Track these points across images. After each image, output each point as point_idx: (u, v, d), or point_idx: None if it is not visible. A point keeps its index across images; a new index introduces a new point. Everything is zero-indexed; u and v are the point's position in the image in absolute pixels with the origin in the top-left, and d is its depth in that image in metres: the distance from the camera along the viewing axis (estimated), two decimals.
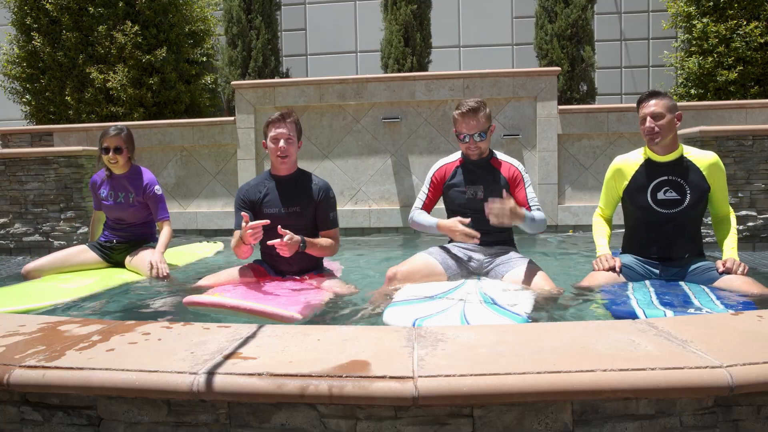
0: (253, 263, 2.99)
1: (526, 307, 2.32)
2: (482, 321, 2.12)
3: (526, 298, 2.47)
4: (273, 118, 2.81)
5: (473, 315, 2.18)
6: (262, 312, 2.31)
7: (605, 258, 2.78)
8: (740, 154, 4.76)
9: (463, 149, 2.95)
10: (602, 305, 2.44)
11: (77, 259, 3.49)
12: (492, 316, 2.17)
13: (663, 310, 2.12)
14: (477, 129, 2.83)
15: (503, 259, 2.88)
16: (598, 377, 1.24)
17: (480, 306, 2.32)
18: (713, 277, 2.61)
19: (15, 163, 5.34)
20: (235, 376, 1.28)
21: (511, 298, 2.45)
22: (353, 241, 5.74)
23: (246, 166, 6.43)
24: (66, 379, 1.32)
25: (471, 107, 2.82)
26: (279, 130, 2.78)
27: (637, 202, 2.77)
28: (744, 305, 2.27)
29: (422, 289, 2.64)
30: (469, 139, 2.85)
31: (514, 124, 6.24)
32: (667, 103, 2.65)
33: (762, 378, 1.26)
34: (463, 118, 2.84)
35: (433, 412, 1.27)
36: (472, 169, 2.95)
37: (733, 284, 2.52)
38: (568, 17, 9.21)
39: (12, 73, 8.61)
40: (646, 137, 2.69)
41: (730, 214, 2.81)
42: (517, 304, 2.36)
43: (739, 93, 7.72)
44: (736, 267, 2.58)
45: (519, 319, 2.17)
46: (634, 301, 2.28)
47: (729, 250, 2.69)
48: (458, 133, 2.90)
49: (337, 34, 12.21)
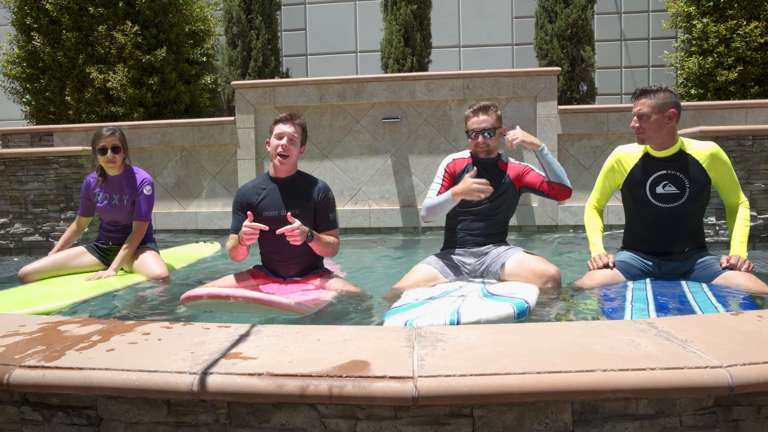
0: (253, 269, 2.97)
1: (526, 295, 2.33)
2: (475, 311, 2.11)
3: (526, 288, 2.49)
4: (281, 116, 2.81)
5: (467, 308, 2.17)
6: (259, 300, 2.26)
7: (599, 257, 2.80)
8: (740, 154, 4.76)
9: (471, 146, 3.01)
10: (600, 306, 2.44)
11: (75, 261, 3.46)
12: (486, 304, 2.17)
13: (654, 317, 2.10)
14: (486, 125, 2.92)
15: (494, 255, 2.91)
16: (598, 377, 1.24)
17: (478, 299, 2.33)
18: (716, 272, 2.59)
19: (15, 163, 5.34)
20: (235, 376, 1.27)
21: (511, 289, 2.47)
22: (353, 241, 5.74)
23: (246, 166, 6.43)
24: (66, 379, 1.32)
25: (482, 105, 2.96)
26: (285, 128, 2.77)
27: (636, 197, 2.76)
28: (743, 305, 2.26)
29: (424, 292, 2.65)
30: (478, 135, 2.93)
31: (514, 124, 6.24)
32: (655, 102, 2.60)
33: (762, 378, 1.26)
34: (474, 114, 2.96)
35: (433, 412, 1.27)
36: (481, 168, 2.97)
37: (734, 281, 2.50)
38: (568, 17, 9.21)
39: (12, 73, 8.61)
40: (636, 135, 2.71)
41: (741, 204, 2.75)
42: (515, 293, 2.38)
43: (739, 93, 7.72)
44: (741, 263, 2.55)
45: (517, 302, 2.16)
46: (629, 309, 2.26)
47: (737, 245, 2.67)
48: (468, 129, 3.00)
49: (337, 34, 12.22)
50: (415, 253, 4.75)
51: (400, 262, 4.26)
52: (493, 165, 2.99)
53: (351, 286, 2.84)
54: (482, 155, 2.98)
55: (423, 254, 3.14)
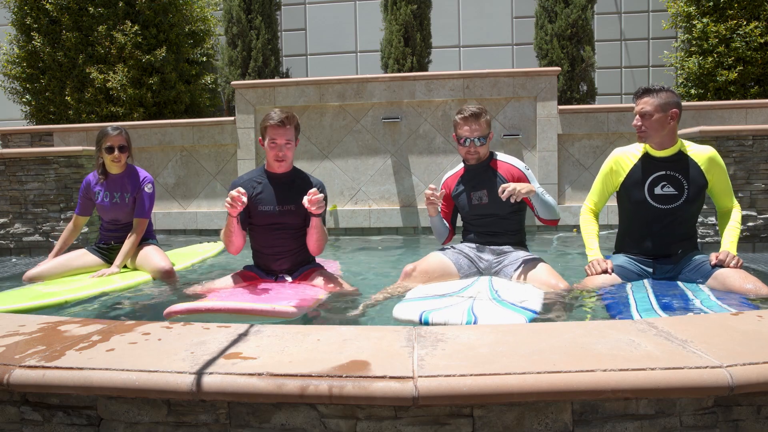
0: (243, 270, 2.98)
1: (534, 304, 2.33)
2: (490, 316, 2.11)
3: (535, 295, 2.48)
4: (273, 123, 2.75)
5: (481, 310, 2.18)
6: (239, 310, 2.21)
7: (597, 262, 2.78)
8: (740, 154, 4.76)
9: (462, 153, 3.00)
10: (601, 307, 2.44)
11: (78, 262, 3.46)
12: (501, 311, 2.17)
13: (662, 315, 2.10)
14: (478, 133, 2.89)
15: (512, 259, 2.91)
16: (598, 377, 1.24)
17: (489, 302, 2.33)
18: (706, 272, 2.59)
19: (15, 163, 5.34)
20: (235, 376, 1.27)
21: (520, 295, 2.47)
22: (353, 241, 5.73)
23: (246, 166, 6.43)
24: (66, 379, 1.32)
25: (473, 112, 2.89)
26: (279, 134, 2.76)
27: (633, 197, 2.76)
28: (741, 301, 2.26)
29: (434, 288, 2.66)
30: (470, 143, 2.91)
31: (514, 124, 6.24)
32: (658, 101, 2.61)
33: (762, 378, 1.26)
34: (465, 121, 2.91)
35: (433, 412, 1.27)
36: (474, 175, 3.00)
37: (726, 279, 2.50)
38: (568, 17, 9.21)
39: (12, 73, 8.61)
40: (637, 133, 2.71)
41: (735, 208, 2.77)
42: (526, 300, 2.37)
43: (739, 93, 7.72)
44: (729, 259, 2.55)
45: (528, 314, 2.17)
46: (633, 305, 2.27)
47: (726, 243, 2.67)
48: (459, 137, 2.96)
49: (337, 34, 12.21)
50: (415, 253, 4.74)
51: (400, 263, 4.26)
52: (486, 167, 2.99)
53: (344, 285, 2.83)
54: (473, 162, 2.98)
55: (423, 254, 3.14)
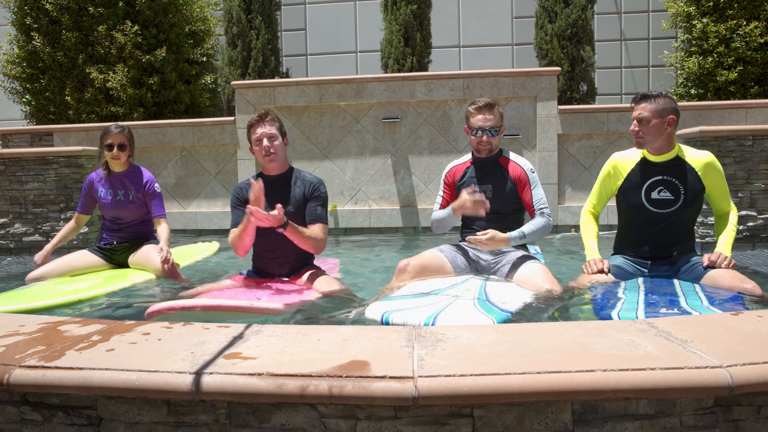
0: (238, 275, 2.99)
1: (513, 306, 2.30)
2: (459, 320, 2.05)
3: (520, 297, 2.46)
4: (252, 121, 2.82)
5: (450, 313, 2.12)
6: (223, 307, 2.22)
7: (594, 262, 2.80)
8: (740, 154, 4.76)
9: (473, 144, 2.96)
10: (590, 307, 2.44)
11: (79, 263, 3.45)
12: (472, 317, 2.09)
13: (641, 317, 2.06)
14: (491, 123, 2.87)
15: (510, 259, 2.90)
16: (598, 377, 1.24)
17: (468, 303, 2.28)
18: (699, 273, 2.61)
19: (15, 163, 5.34)
20: (235, 376, 1.27)
21: (506, 296, 2.44)
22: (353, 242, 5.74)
23: (246, 166, 6.43)
24: (66, 379, 1.32)
25: (487, 102, 2.88)
26: (260, 130, 2.78)
27: (631, 201, 2.78)
28: (733, 302, 2.26)
29: (421, 286, 2.64)
30: (482, 134, 2.88)
31: (514, 124, 6.25)
32: (656, 107, 2.63)
33: (762, 378, 1.26)
34: (479, 111, 2.88)
35: (433, 412, 1.27)
36: (481, 168, 2.97)
37: (717, 278, 2.52)
38: (568, 17, 9.21)
39: (12, 73, 8.61)
40: (634, 139, 2.72)
41: (731, 211, 2.79)
42: (507, 302, 2.35)
43: (739, 93, 7.72)
44: (721, 260, 2.57)
45: (501, 316, 2.12)
46: (618, 307, 2.24)
47: (721, 245, 2.69)
48: (471, 127, 2.92)
49: (337, 34, 12.21)
50: (415, 253, 4.73)
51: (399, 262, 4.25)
52: (494, 162, 2.96)
53: (336, 285, 2.81)
54: (484, 154, 2.94)
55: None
